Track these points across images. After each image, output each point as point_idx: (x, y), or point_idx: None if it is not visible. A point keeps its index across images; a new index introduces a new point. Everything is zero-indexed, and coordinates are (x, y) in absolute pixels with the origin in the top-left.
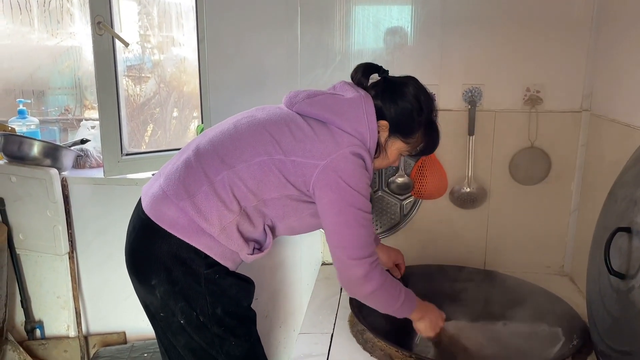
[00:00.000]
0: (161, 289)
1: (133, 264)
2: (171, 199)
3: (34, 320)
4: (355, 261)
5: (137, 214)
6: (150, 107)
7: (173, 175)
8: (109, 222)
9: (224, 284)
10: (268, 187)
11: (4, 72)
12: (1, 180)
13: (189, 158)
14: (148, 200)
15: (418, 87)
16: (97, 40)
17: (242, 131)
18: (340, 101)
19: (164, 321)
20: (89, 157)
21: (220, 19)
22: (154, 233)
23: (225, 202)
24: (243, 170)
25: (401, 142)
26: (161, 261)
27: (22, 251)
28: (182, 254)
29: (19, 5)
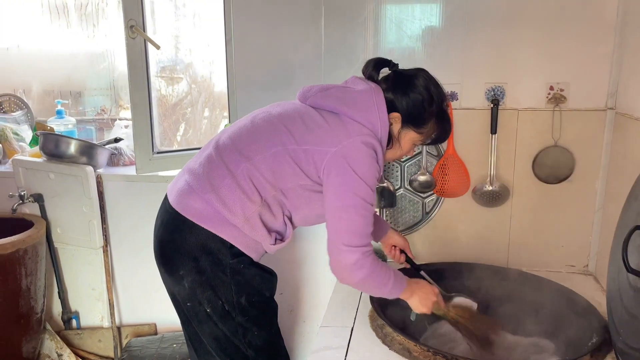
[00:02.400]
0: (189, 279)
1: (162, 255)
2: (197, 192)
3: (70, 310)
4: (348, 248)
5: (165, 209)
6: (182, 107)
7: (197, 170)
8: (141, 217)
9: (248, 274)
10: (283, 177)
11: (44, 73)
12: (40, 177)
13: (211, 153)
14: (174, 195)
15: (428, 78)
16: (130, 43)
17: (258, 125)
18: (351, 93)
19: (190, 311)
20: (122, 155)
21: (247, 20)
22: (182, 225)
23: (247, 193)
24: (260, 162)
25: (414, 132)
26: (189, 251)
27: (59, 245)
28: (209, 244)
29: (57, 9)
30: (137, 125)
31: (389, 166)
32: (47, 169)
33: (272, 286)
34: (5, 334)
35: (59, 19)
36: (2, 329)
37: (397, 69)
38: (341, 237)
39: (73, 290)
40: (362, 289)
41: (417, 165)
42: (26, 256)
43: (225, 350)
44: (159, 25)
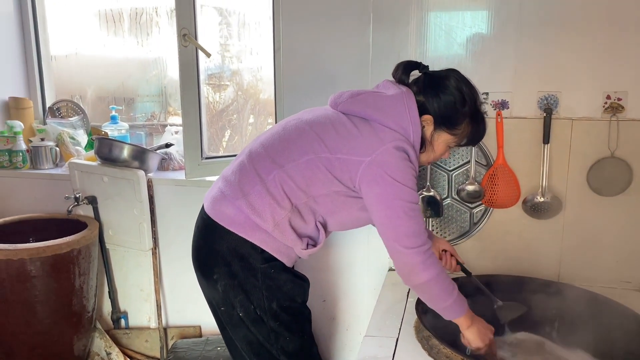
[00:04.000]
0: (222, 283)
1: (197, 260)
2: (228, 198)
3: (119, 310)
4: (410, 250)
5: (200, 216)
6: (229, 113)
7: (230, 177)
8: (189, 221)
9: (279, 279)
10: (316, 184)
11: (99, 80)
12: (95, 180)
13: (243, 161)
14: (209, 202)
15: (459, 78)
16: (182, 52)
17: (290, 132)
18: (382, 98)
19: (224, 315)
20: (172, 160)
21: (295, 28)
22: (215, 231)
23: (277, 200)
24: (292, 169)
25: (447, 134)
26: (222, 256)
27: (111, 246)
28: (241, 249)
29: (113, 18)
30: (187, 132)
31: (436, 175)
32: (101, 173)
33: (304, 292)
34: (58, 331)
35: (115, 27)
36: (56, 326)
37: (427, 70)
38: (401, 242)
39: (122, 290)
40: (425, 292)
41: (465, 175)
42: (80, 256)
43: (258, 354)
44: (206, 33)
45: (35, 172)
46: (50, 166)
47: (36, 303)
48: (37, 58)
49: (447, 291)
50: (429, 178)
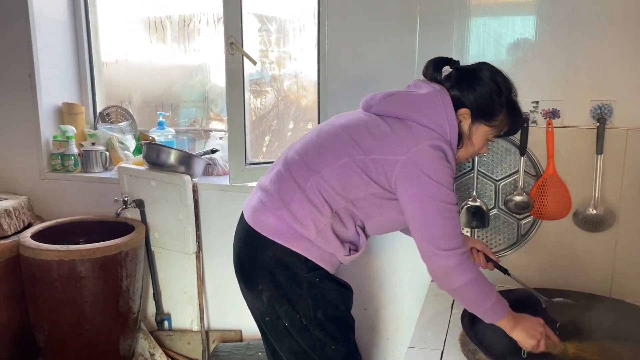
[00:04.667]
0: (267, 293)
1: (241, 271)
2: (269, 208)
3: (163, 312)
4: (446, 252)
5: (242, 226)
6: (269, 119)
7: (268, 187)
8: (231, 226)
9: (324, 288)
10: (353, 188)
11: (145, 86)
12: (143, 184)
13: (280, 170)
14: (249, 212)
15: (492, 69)
16: (229, 60)
17: (324, 138)
18: (416, 97)
19: (269, 325)
20: (216, 166)
21: (340, 36)
22: (258, 241)
23: (318, 207)
24: (328, 174)
25: (485, 126)
26: (266, 267)
27: (156, 249)
28: (285, 259)
29: (162, 25)
30: (232, 138)
31: (482, 185)
32: (148, 177)
33: (348, 300)
34: (105, 331)
35: (160, 34)
36: (104, 327)
37: (459, 65)
38: (436, 244)
39: (166, 292)
40: (462, 296)
41: (513, 185)
42: (127, 258)
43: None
44: (247, 40)
45: (86, 176)
46: (100, 170)
47: (85, 303)
48: (89, 65)
49: (486, 294)
50: (475, 187)
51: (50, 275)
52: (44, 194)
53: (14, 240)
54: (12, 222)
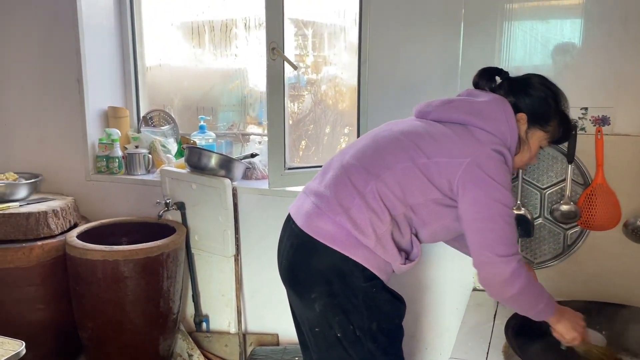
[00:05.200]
0: (321, 302)
1: (293, 279)
2: (327, 214)
3: (202, 314)
4: (502, 258)
5: (292, 232)
6: (305, 123)
7: (324, 192)
8: (270, 230)
9: (380, 299)
10: (413, 193)
11: (184, 90)
12: (184, 186)
13: (337, 175)
14: (303, 218)
15: (542, 77)
16: (270, 65)
17: (383, 143)
18: (476, 103)
19: (318, 335)
20: (255, 170)
21: (381, 40)
22: (314, 248)
23: (377, 213)
24: (388, 178)
25: (540, 131)
26: (322, 275)
27: (196, 251)
28: (342, 267)
29: (198, 29)
30: (272, 143)
31: (527, 193)
32: (190, 180)
33: (402, 313)
34: (146, 330)
35: (203, 39)
36: (144, 326)
37: (508, 75)
38: (493, 249)
39: (205, 294)
40: (516, 302)
41: (560, 194)
42: (168, 260)
43: None
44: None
45: (129, 178)
46: (143, 172)
47: (127, 303)
48: (134, 69)
49: (539, 296)
50: (519, 196)
51: (95, 274)
52: (89, 195)
53: (60, 240)
54: (59, 222)
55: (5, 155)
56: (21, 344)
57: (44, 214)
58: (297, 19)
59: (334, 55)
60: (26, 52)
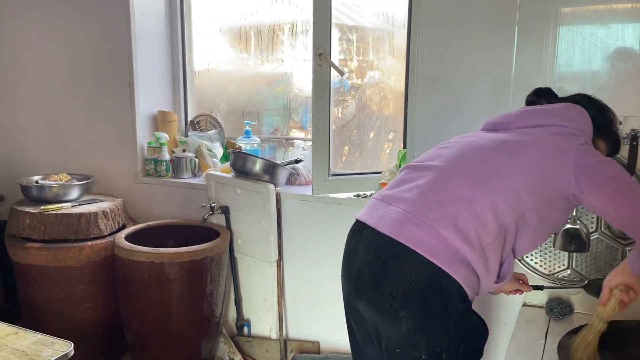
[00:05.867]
0: (409, 322)
1: (377, 293)
2: (426, 223)
3: (243, 318)
4: None
5: (374, 242)
6: (349, 129)
7: (418, 199)
8: (312, 236)
9: (470, 323)
10: (522, 199)
11: (230, 95)
12: (228, 191)
13: (433, 181)
14: (393, 226)
15: (589, 96)
16: (316, 70)
17: (484, 149)
18: (556, 108)
19: (399, 356)
20: (299, 175)
21: (431, 45)
22: (408, 261)
23: (485, 222)
24: (499, 185)
25: (601, 141)
26: (416, 292)
27: (239, 255)
28: (441, 284)
29: (241, 35)
30: (316, 149)
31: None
32: (234, 184)
33: (486, 338)
34: (189, 333)
35: (249, 44)
36: (188, 329)
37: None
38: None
39: (247, 299)
40: None
41: None
42: (212, 263)
43: None
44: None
45: (176, 181)
46: (189, 176)
47: (172, 305)
48: (182, 74)
49: None
50: (574, 209)
51: (141, 275)
52: (138, 197)
53: (109, 241)
54: (108, 222)
55: (60, 156)
56: (70, 345)
57: (94, 215)
58: (341, 23)
59: (379, 59)
60: (81, 56)
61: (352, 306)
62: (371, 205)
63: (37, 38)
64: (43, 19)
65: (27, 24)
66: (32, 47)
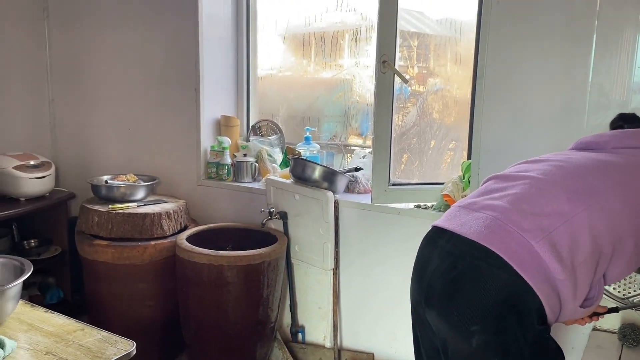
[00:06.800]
0: (481, 338)
1: (450, 305)
2: (517, 232)
3: (298, 324)
4: None
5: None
6: (409, 136)
7: (509, 207)
8: (370, 245)
9: (548, 347)
10: (621, 221)
11: (291, 101)
12: (287, 196)
13: (526, 192)
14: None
15: None
16: (380, 78)
17: (583, 166)
18: None
19: None
20: (358, 184)
21: (499, 55)
22: (492, 272)
23: (579, 239)
24: (599, 203)
25: None
26: (494, 307)
27: (295, 261)
28: (522, 301)
29: (304, 42)
30: (376, 157)
31: None
32: (293, 190)
33: None
34: (244, 336)
35: (310, 50)
36: (243, 332)
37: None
38: None
39: (302, 305)
40: None
41: None
42: (269, 268)
43: None
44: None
45: (236, 185)
46: (249, 180)
47: (229, 307)
48: (246, 80)
49: None
50: None
51: (201, 277)
52: (199, 199)
53: (171, 241)
54: (171, 223)
55: (128, 157)
56: (132, 344)
57: (158, 215)
58: (402, 30)
59: (439, 66)
60: (152, 62)
61: (420, 316)
62: (452, 212)
63: (112, 45)
64: (119, 28)
65: (104, 32)
66: (108, 54)
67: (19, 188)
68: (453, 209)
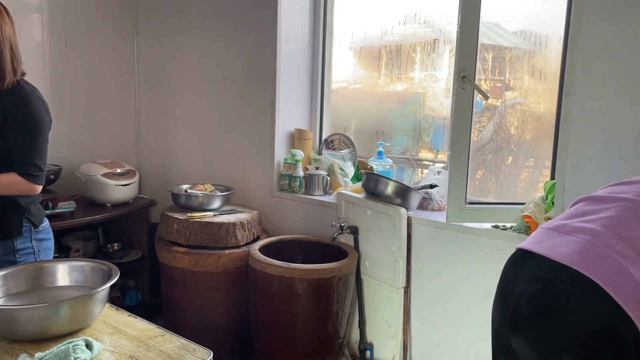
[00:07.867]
0: None
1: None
2: (614, 256)
3: (366, 342)
4: None
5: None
6: (484, 152)
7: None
8: (445, 266)
9: None
10: None
11: (362, 114)
12: (359, 211)
13: (623, 217)
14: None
15: None
16: (459, 93)
17: None
18: None
19: None
20: (432, 201)
21: (589, 71)
22: (585, 299)
23: None
24: None
25: None
26: (588, 335)
27: (365, 277)
28: (617, 330)
29: (380, 55)
30: (453, 175)
31: None
32: (365, 205)
33: None
34: (313, 350)
35: (386, 63)
36: (311, 345)
37: None
38: None
39: (371, 322)
40: None
41: None
42: (339, 283)
43: None
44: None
45: (308, 197)
46: (321, 193)
47: (298, 320)
48: (320, 94)
49: None
50: None
51: (272, 288)
52: (271, 210)
53: (244, 251)
54: (244, 233)
55: (207, 167)
56: (209, 353)
57: (232, 225)
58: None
59: (515, 79)
60: (232, 77)
61: (503, 342)
62: (539, 234)
63: (194, 60)
64: (202, 44)
65: (187, 47)
66: (190, 68)
67: (106, 194)
68: (540, 231)
